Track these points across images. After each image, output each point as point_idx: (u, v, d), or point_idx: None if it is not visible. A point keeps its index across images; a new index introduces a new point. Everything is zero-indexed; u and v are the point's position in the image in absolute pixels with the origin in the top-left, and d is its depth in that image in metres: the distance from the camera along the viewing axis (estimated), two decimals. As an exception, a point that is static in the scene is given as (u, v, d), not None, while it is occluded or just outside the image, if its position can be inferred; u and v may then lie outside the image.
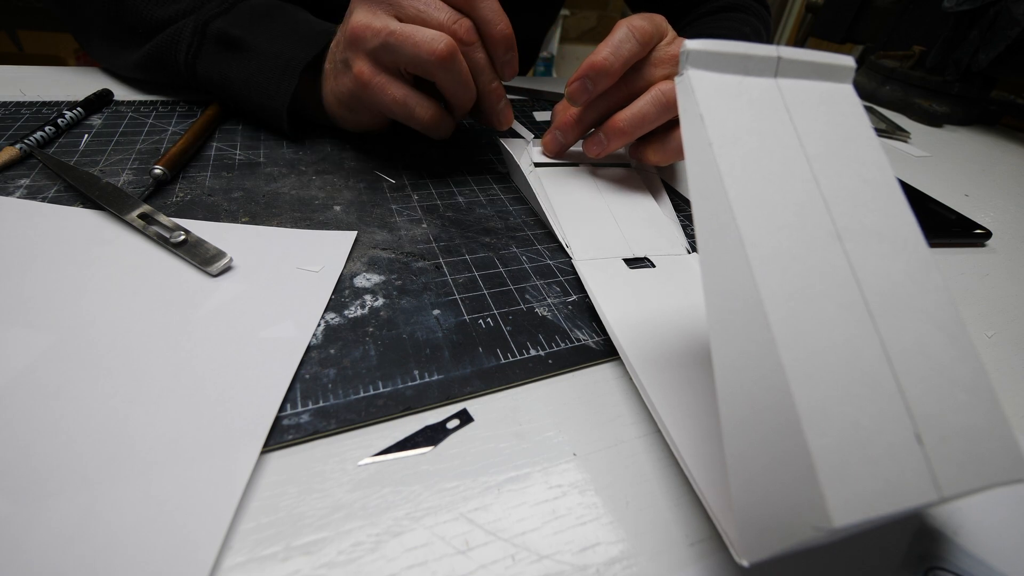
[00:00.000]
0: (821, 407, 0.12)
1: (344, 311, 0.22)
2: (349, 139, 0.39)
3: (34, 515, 0.14)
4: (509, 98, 0.33)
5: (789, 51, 0.16)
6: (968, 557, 0.16)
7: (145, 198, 0.28)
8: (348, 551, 0.15)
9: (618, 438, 0.19)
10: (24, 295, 0.21)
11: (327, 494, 0.16)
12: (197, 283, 0.23)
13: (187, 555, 0.14)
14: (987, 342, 0.27)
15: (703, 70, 0.15)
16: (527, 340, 0.22)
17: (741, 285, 0.13)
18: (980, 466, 0.12)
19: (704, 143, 0.14)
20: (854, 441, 0.12)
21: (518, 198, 0.34)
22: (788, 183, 0.14)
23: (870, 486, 0.11)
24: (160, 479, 0.15)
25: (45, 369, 0.18)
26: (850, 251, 0.14)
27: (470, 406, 0.19)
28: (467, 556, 0.15)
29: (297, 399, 0.18)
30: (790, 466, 0.12)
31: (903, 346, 0.13)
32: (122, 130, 0.36)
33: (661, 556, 0.15)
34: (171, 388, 0.18)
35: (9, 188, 0.28)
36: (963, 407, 0.13)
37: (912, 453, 0.12)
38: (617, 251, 0.28)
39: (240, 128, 0.38)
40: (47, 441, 0.16)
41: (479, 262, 0.27)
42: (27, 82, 0.42)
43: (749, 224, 0.13)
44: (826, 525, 0.11)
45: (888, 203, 0.15)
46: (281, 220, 0.28)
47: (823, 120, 0.16)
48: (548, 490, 0.17)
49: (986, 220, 0.40)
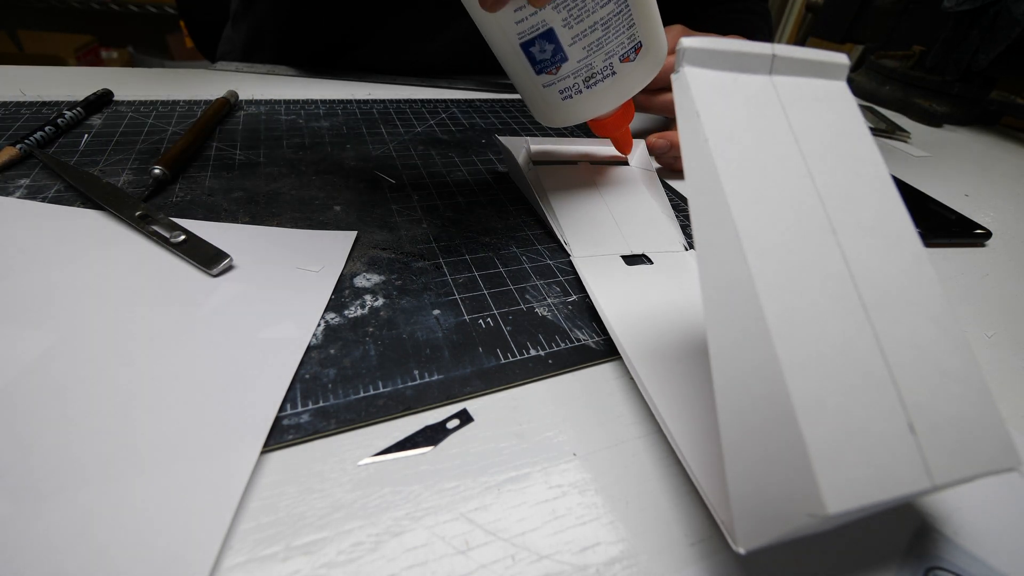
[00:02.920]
0: (815, 397, 0.12)
1: (344, 311, 0.22)
2: (349, 139, 0.39)
3: (34, 515, 0.14)
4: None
5: (784, 48, 0.16)
6: (968, 557, 0.16)
7: (145, 198, 0.28)
8: (348, 551, 0.15)
9: (618, 438, 0.19)
10: (24, 295, 0.21)
11: (327, 494, 0.16)
12: (197, 283, 0.23)
13: (187, 555, 0.14)
14: (987, 342, 0.27)
15: (699, 67, 0.15)
16: (527, 340, 0.22)
17: (737, 278, 0.13)
18: (971, 455, 0.13)
19: (701, 139, 0.14)
20: (848, 430, 0.12)
21: (518, 198, 0.34)
22: (783, 178, 0.15)
23: (863, 474, 0.12)
24: (160, 479, 0.15)
25: (45, 369, 0.18)
26: (844, 245, 0.14)
27: (470, 406, 0.19)
28: (467, 556, 0.15)
29: (297, 399, 0.18)
30: (785, 455, 0.12)
31: (896, 338, 0.13)
32: (122, 130, 0.36)
33: (661, 556, 0.15)
34: (171, 388, 0.18)
35: (9, 188, 0.28)
36: (955, 397, 0.13)
37: (905, 442, 0.12)
38: (615, 248, 0.28)
39: (240, 128, 0.38)
40: (47, 441, 0.16)
41: (479, 262, 0.27)
42: (27, 82, 0.42)
43: (745, 218, 0.14)
44: (820, 512, 0.11)
45: (882, 198, 0.16)
46: (281, 220, 0.28)
47: (818, 116, 0.16)
48: (548, 490, 0.17)
49: (986, 220, 0.40)
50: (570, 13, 0.23)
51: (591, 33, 0.24)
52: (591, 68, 0.25)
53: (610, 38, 0.25)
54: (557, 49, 0.24)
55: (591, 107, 0.27)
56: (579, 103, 0.27)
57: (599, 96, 0.27)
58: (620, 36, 0.25)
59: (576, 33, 0.24)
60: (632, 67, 0.26)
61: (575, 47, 0.24)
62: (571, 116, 0.27)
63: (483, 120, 0.46)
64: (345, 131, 0.40)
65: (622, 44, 0.25)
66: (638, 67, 0.26)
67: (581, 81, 0.26)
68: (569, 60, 0.25)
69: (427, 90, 0.53)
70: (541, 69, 0.26)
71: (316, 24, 0.54)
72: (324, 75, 0.54)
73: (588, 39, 0.24)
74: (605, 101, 0.27)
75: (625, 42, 0.25)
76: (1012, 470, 0.13)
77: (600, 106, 0.27)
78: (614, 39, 0.25)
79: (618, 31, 0.25)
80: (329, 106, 0.45)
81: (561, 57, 0.25)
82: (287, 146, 0.36)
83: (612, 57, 0.25)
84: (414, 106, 0.47)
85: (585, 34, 0.24)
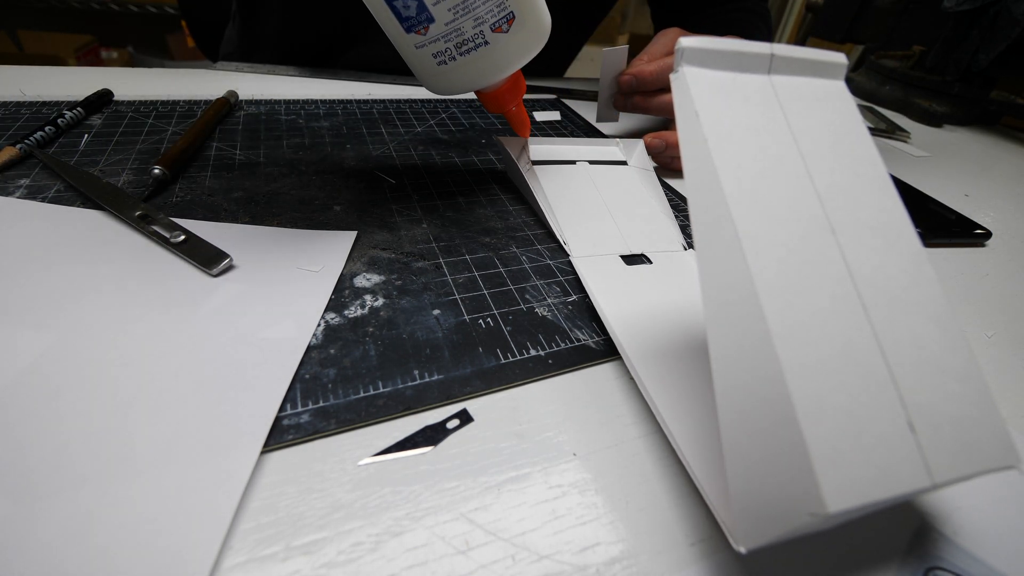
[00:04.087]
0: (816, 396, 0.12)
1: (344, 311, 0.22)
2: (349, 139, 0.39)
3: (34, 515, 0.14)
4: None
5: (782, 48, 0.16)
6: (968, 557, 0.16)
7: (145, 198, 0.28)
8: (348, 551, 0.15)
9: (618, 438, 0.19)
10: (24, 295, 0.21)
11: (327, 494, 0.16)
12: (197, 283, 0.23)
13: (187, 555, 0.14)
14: (987, 342, 0.27)
15: (698, 67, 0.15)
16: (527, 340, 0.22)
17: (737, 278, 0.13)
18: (971, 453, 0.13)
19: (700, 139, 0.14)
20: (848, 429, 0.12)
21: (518, 198, 0.34)
22: (782, 178, 0.15)
23: (864, 473, 0.12)
24: (160, 479, 0.15)
25: (45, 369, 0.18)
26: (844, 244, 0.14)
27: (470, 406, 0.19)
28: (467, 556, 0.15)
29: (297, 399, 0.18)
30: (786, 454, 0.12)
31: (896, 337, 0.13)
32: (122, 130, 0.36)
33: (661, 556, 0.15)
34: (171, 388, 0.18)
35: (9, 188, 0.28)
36: (954, 396, 0.13)
37: (905, 441, 0.12)
38: (614, 248, 0.28)
39: (240, 128, 0.38)
40: (47, 441, 0.16)
41: (479, 262, 0.27)
42: (27, 82, 0.42)
43: (744, 218, 0.14)
44: (821, 511, 0.11)
45: (881, 198, 0.16)
46: (281, 220, 0.28)
47: (816, 116, 0.16)
48: (548, 490, 0.17)
49: (986, 220, 0.40)
50: None
51: None
52: (461, 33, 0.26)
53: (477, 3, 0.25)
54: (421, 6, 0.25)
55: (469, 77, 0.28)
56: (456, 71, 0.27)
57: (474, 65, 0.27)
58: (488, 3, 0.25)
59: None
60: (506, 39, 0.26)
61: (439, 7, 0.25)
62: (452, 85, 0.28)
63: (483, 120, 0.46)
64: (345, 131, 0.40)
65: (491, 12, 0.25)
66: (513, 39, 0.26)
67: (453, 47, 0.26)
68: (436, 21, 0.25)
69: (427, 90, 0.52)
70: (409, 27, 0.26)
71: (312, 20, 0.54)
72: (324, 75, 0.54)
73: (452, 0, 0.25)
74: (484, 72, 0.28)
75: (495, 10, 0.25)
76: (1011, 468, 0.13)
77: (479, 77, 0.28)
78: (482, 5, 0.25)
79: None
80: (329, 106, 0.45)
81: (427, 17, 0.25)
82: (287, 146, 0.36)
83: (482, 25, 0.26)
84: (414, 106, 0.47)
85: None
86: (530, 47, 0.27)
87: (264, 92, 0.46)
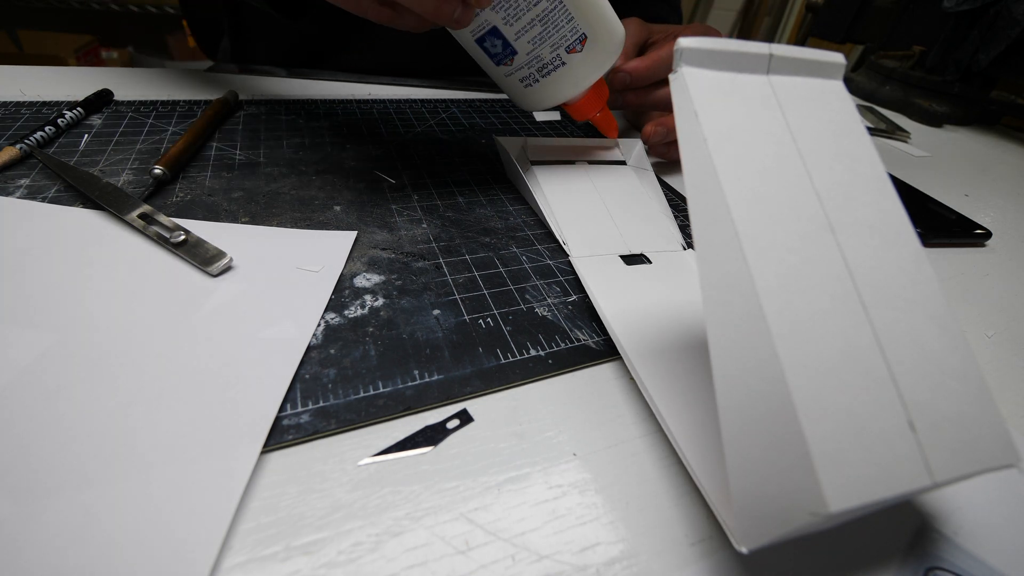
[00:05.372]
0: (816, 396, 0.12)
1: (344, 311, 0.22)
2: (349, 139, 0.39)
3: (34, 515, 0.14)
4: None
5: (781, 48, 0.16)
6: (968, 557, 0.16)
7: (145, 198, 0.28)
8: (348, 551, 0.15)
9: (618, 438, 0.19)
10: (24, 295, 0.21)
11: (327, 494, 0.16)
12: (197, 283, 0.23)
13: (187, 555, 0.14)
14: (987, 342, 0.27)
15: (697, 67, 0.15)
16: (527, 340, 0.22)
17: (737, 277, 0.13)
18: (971, 452, 0.13)
19: (699, 139, 0.14)
20: (848, 428, 0.12)
21: (518, 198, 0.34)
22: (782, 177, 0.15)
23: (864, 472, 0.12)
24: (160, 479, 0.15)
25: (45, 369, 0.18)
26: (843, 244, 0.14)
27: (470, 406, 0.19)
28: (467, 556, 0.15)
29: (297, 399, 0.18)
30: (786, 453, 0.12)
31: (895, 336, 0.13)
32: (122, 130, 0.36)
33: (662, 556, 0.15)
34: (171, 388, 0.18)
35: (9, 188, 0.28)
36: (954, 395, 0.13)
37: (905, 439, 0.12)
38: (614, 248, 0.28)
39: (240, 128, 0.38)
40: (47, 441, 0.16)
41: (479, 262, 0.27)
42: (27, 82, 0.42)
43: (744, 218, 0.14)
44: (822, 510, 0.11)
45: (879, 197, 0.16)
46: (281, 220, 0.28)
47: (815, 116, 0.16)
48: (548, 490, 0.17)
49: (986, 220, 0.40)
50: (507, 12, 0.27)
51: (531, 29, 0.28)
52: (540, 59, 0.29)
53: (551, 32, 0.28)
54: (506, 44, 0.29)
55: (553, 94, 0.31)
56: (541, 90, 0.31)
57: (557, 84, 0.30)
58: (561, 30, 0.28)
59: (517, 29, 0.28)
60: (581, 57, 0.29)
61: (521, 41, 0.28)
62: (539, 102, 0.32)
63: (483, 120, 0.46)
64: (345, 131, 0.40)
65: (565, 37, 0.28)
66: (587, 56, 0.29)
67: (535, 71, 0.30)
68: (519, 53, 0.29)
69: (427, 90, 0.53)
70: (498, 61, 0.30)
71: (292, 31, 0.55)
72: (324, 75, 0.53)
73: (530, 34, 0.28)
74: (564, 88, 0.31)
75: (568, 35, 0.28)
76: (1011, 466, 0.13)
77: (562, 93, 0.31)
78: (555, 33, 0.28)
79: (557, 25, 0.28)
80: (329, 106, 0.45)
81: (511, 51, 0.29)
82: (287, 146, 0.36)
83: (558, 49, 0.29)
84: (414, 106, 0.47)
85: (526, 30, 0.28)
86: (604, 61, 0.30)
87: (264, 92, 0.46)
